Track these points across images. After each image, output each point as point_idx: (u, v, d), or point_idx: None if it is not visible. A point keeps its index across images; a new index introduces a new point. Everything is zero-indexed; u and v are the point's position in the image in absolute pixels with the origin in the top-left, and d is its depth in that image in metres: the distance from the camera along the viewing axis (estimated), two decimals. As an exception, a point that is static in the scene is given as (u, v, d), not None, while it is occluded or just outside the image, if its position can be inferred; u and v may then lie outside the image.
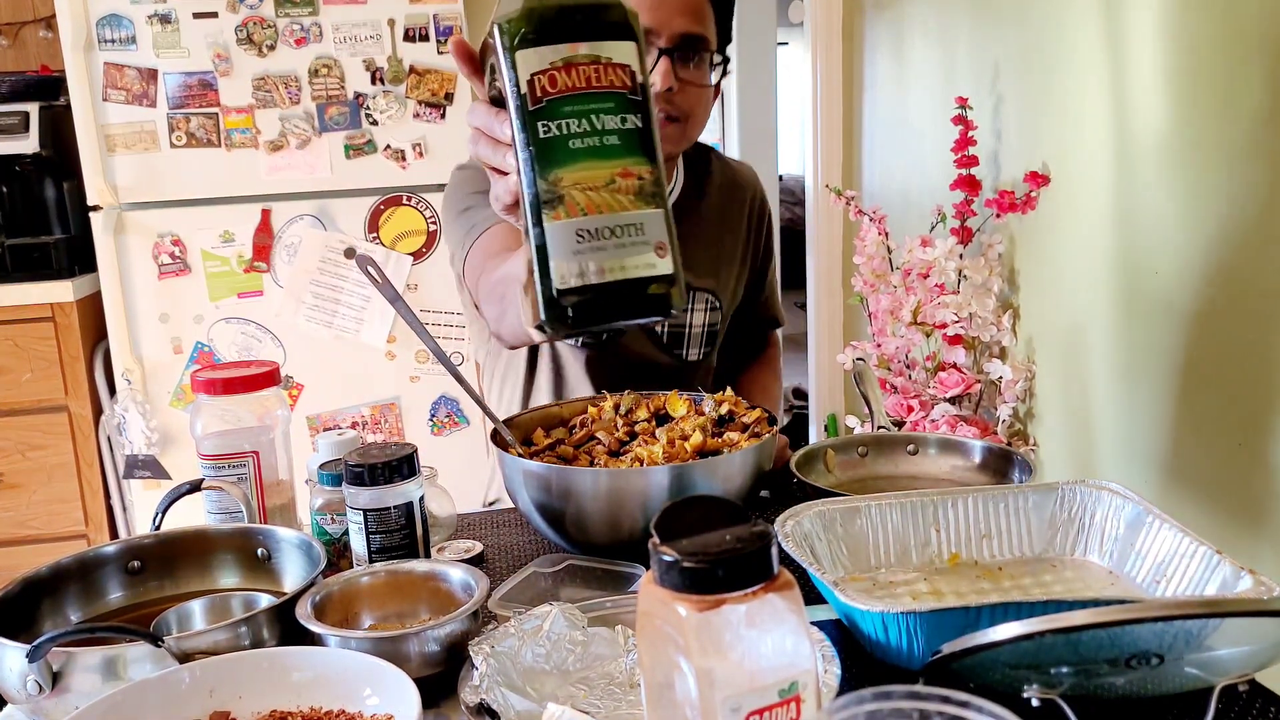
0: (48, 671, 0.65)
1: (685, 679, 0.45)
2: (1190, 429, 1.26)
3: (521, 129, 0.55)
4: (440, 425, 2.39)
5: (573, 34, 0.56)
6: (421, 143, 2.29)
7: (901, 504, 0.83)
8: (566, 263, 0.55)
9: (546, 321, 0.56)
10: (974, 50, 1.80)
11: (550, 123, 0.55)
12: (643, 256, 0.55)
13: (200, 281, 2.28)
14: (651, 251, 0.56)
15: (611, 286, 0.55)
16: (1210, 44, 1.18)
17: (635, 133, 0.56)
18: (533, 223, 0.55)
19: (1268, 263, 1.11)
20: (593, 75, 0.55)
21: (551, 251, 0.55)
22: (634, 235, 0.55)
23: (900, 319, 1.66)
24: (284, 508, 0.97)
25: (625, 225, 0.55)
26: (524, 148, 0.55)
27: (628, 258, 0.55)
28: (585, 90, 0.55)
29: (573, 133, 0.55)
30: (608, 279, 0.55)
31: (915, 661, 0.67)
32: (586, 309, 0.55)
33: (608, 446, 0.96)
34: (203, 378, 0.94)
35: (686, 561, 0.45)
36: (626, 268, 0.55)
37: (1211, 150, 1.18)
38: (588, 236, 0.55)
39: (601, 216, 0.55)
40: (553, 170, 0.55)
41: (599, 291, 0.55)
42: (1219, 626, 0.56)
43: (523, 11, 0.55)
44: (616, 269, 0.55)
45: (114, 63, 2.18)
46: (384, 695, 0.64)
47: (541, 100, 0.55)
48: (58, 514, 2.31)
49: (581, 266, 0.55)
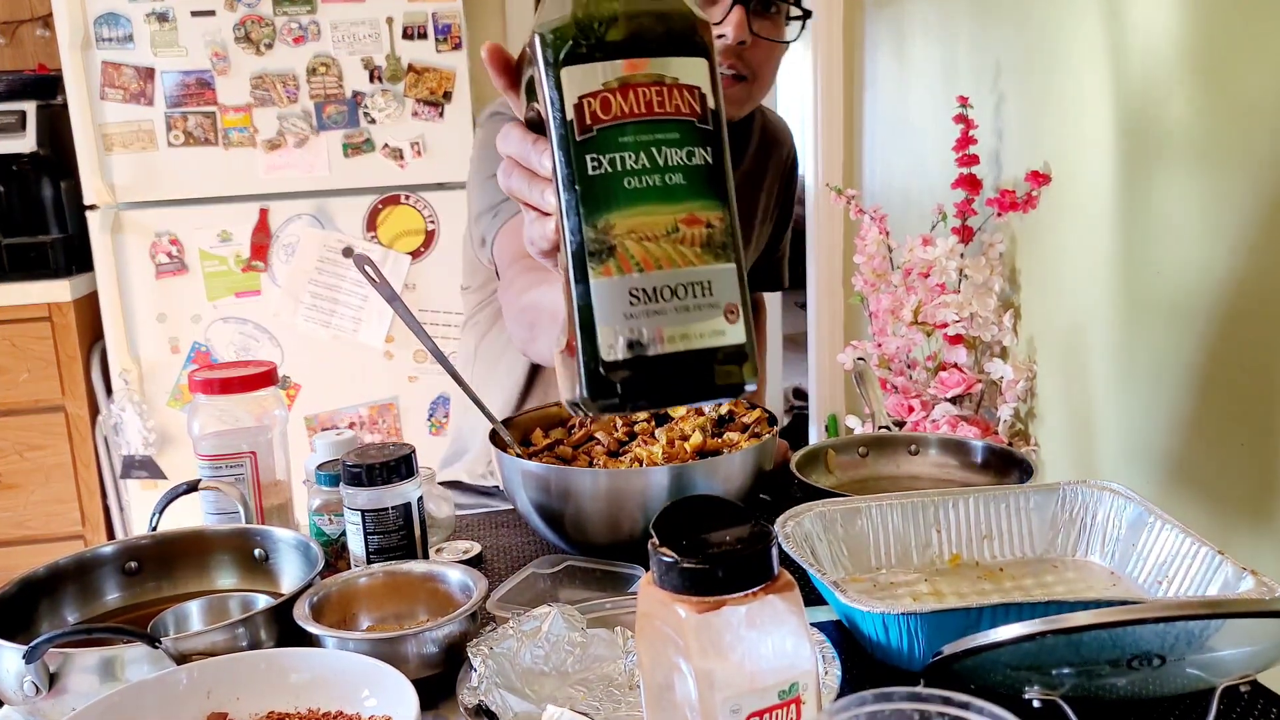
0: (45, 672, 0.65)
1: (685, 680, 0.45)
2: (1192, 429, 1.26)
3: (565, 163, 0.46)
4: (438, 425, 2.39)
5: (631, 48, 0.46)
6: (420, 141, 2.28)
7: (902, 505, 0.83)
8: (616, 329, 0.45)
9: (588, 399, 0.46)
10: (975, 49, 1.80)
11: (601, 157, 0.46)
12: (709, 322, 0.46)
13: (198, 281, 2.28)
14: (720, 316, 0.46)
15: (670, 359, 0.46)
16: (1213, 42, 1.17)
17: (704, 170, 0.47)
18: (576, 278, 0.46)
19: (1271, 262, 1.11)
20: (655, 99, 0.46)
21: (598, 314, 0.46)
22: (700, 296, 0.46)
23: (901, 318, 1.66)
24: (281, 508, 0.96)
25: (689, 284, 0.46)
26: (567, 186, 0.46)
27: (691, 324, 0.46)
28: (645, 118, 0.46)
29: (628, 169, 0.46)
30: (666, 350, 0.45)
31: (916, 663, 0.66)
32: (638, 386, 0.46)
33: (607, 447, 0.96)
34: (200, 378, 0.93)
35: (686, 562, 0.45)
36: (690, 336, 0.46)
37: (1214, 149, 1.18)
38: (643, 297, 0.45)
39: (660, 273, 0.46)
40: (602, 215, 0.46)
41: (655, 365, 0.45)
42: (1221, 627, 0.56)
43: (571, 19, 0.46)
44: (677, 338, 0.46)
45: (111, 61, 2.18)
46: (382, 697, 0.63)
47: (591, 129, 0.46)
48: (55, 514, 2.31)
49: (634, 334, 0.45)
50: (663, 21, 0.47)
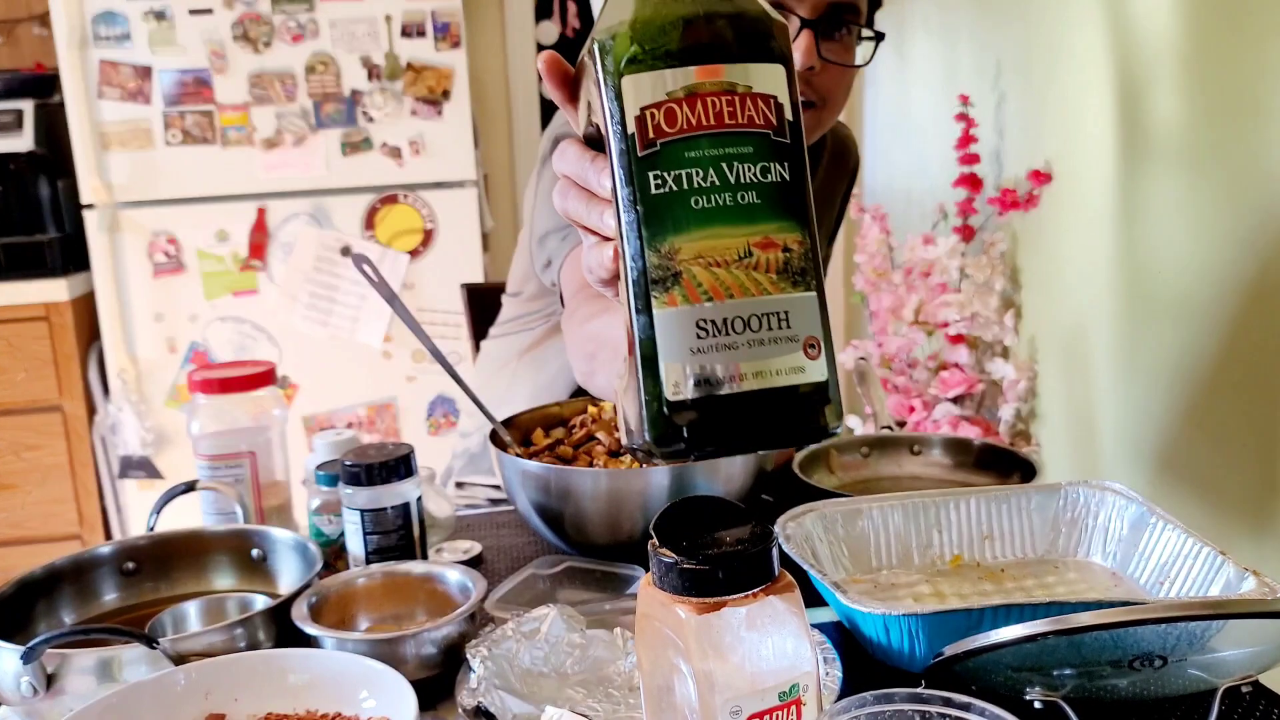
0: (42, 673, 0.65)
1: (685, 682, 0.44)
2: (1194, 429, 1.26)
3: (626, 181, 0.42)
4: (437, 425, 2.39)
5: (701, 53, 0.42)
6: (418, 140, 2.28)
7: (903, 505, 0.83)
8: (682, 365, 0.41)
9: (652, 443, 0.42)
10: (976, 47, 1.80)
11: (665, 174, 0.42)
12: (787, 357, 0.42)
13: (195, 280, 2.28)
14: (799, 350, 0.42)
15: (743, 399, 0.41)
16: (1215, 41, 1.17)
17: (781, 187, 0.42)
18: (637, 308, 0.42)
19: (1273, 261, 1.10)
20: (726, 110, 0.42)
21: (662, 349, 0.42)
22: (776, 328, 0.42)
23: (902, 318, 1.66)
24: (281, 508, 0.96)
25: (764, 314, 0.42)
26: (629, 206, 0.42)
27: (767, 359, 0.42)
28: (715, 130, 0.42)
29: (696, 187, 0.42)
30: (739, 389, 0.41)
31: (917, 664, 0.66)
32: (707, 429, 0.42)
33: (607, 447, 0.96)
34: (199, 377, 0.93)
35: (686, 563, 0.44)
36: (764, 373, 0.42)
37: (1216, 148, 1.18)
38: (712, 330, 0.41)
39: (732, 302, 0.41)
40: (667, 238, 0.42)
41: (726, 406, 0.41)
42: (1222, 628, 0.56)
43: (632, 22, 0.42)
44: (750, 375, 0.41)
45: (109, 60, 2.18)
46: (380, 698, 0.63)
47: (655, 143, 0.42)
48: (52, 515, 2.31)
49: (702, 371, 0.41)
50: (736, 24, 0.43)
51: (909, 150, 2.15)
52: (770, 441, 0.42)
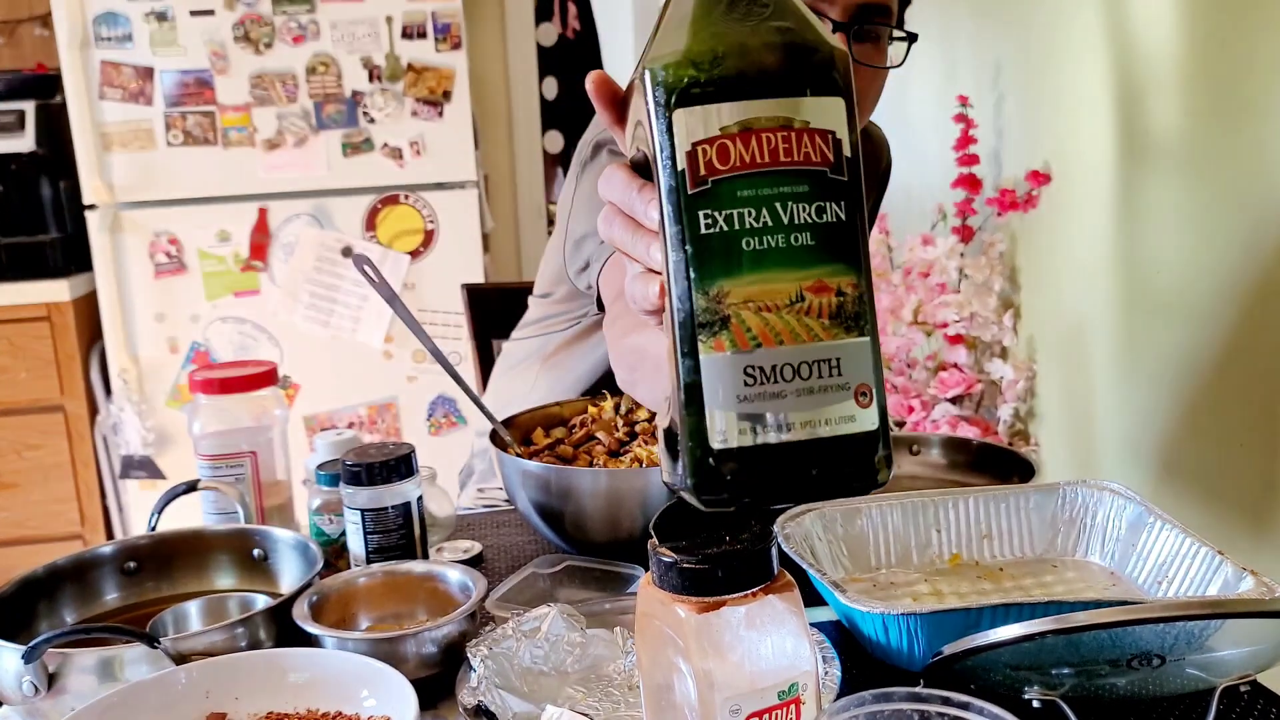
0: (44, 672, 0.65)
1: (685, 681, 0.45)
2: (1192, 429, 1.26)
3: (675, 219, 0.41)
4: (437, 425, 2.39)
5: (756, 87, 0.40)
6: (419, 141, 2.28)
7: (902, 504, 0.83)
8: (729, 414, 0.40)
9: (693, 490, 0.41)
10: (975, 48, 1.80)
11: (716, 213, 0.40)
12: (837, 406, 0.40)
13: (197, 281, 2.28)
14: (850, 399, 0.40)
15: (791, 449, 0.40)
16: (1213, 41, 1.17)
17: (836, 229, 0.41)
18: (683, 351, 0.41)
19: (1271, 261, 1.11)
20: (781, 146, 0.40)
21: (708, 395, 0.40)
22: (827, 375, 0.40)
23: (901, 318, 1.66)
24: (282, 508, 0.96)
25: (815, 361, 0.40)
26: (677, 245, 0.41)
27: (816, 408, 0.40)
28: (770, 168, 0.40)
29: (747, 228, 0.40)
30: (786, 438, 0.40)
31: (916, 663, 0.66)
32: (752, 480, 0.40)
33: (607, 446, 0.96)
34: (200, 377, 0.93)
35: (686, 563, 0.44)
36: (814, 423, 0.40)
37: (1215, 148, 1.18)
38: (761, 377, 0.40)
39: (782, 349, 0.40)
40: (716, 281, 0.40)
41: (772, 455, 0.40)
42: (1220, 627, 0.56)
43: (686, 53, 0.40)
44: (799, 424, 0.40)
45: (110, 60, 2.18)
46: (381, 697, 0.63)
47: (706, 180, 0.40)
48: (53, 514, 2.31)
49: (750, 420, 0.40)
50: (794, 55, 0.41)
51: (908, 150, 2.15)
52: (817, 493, 0.41)
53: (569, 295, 1.21)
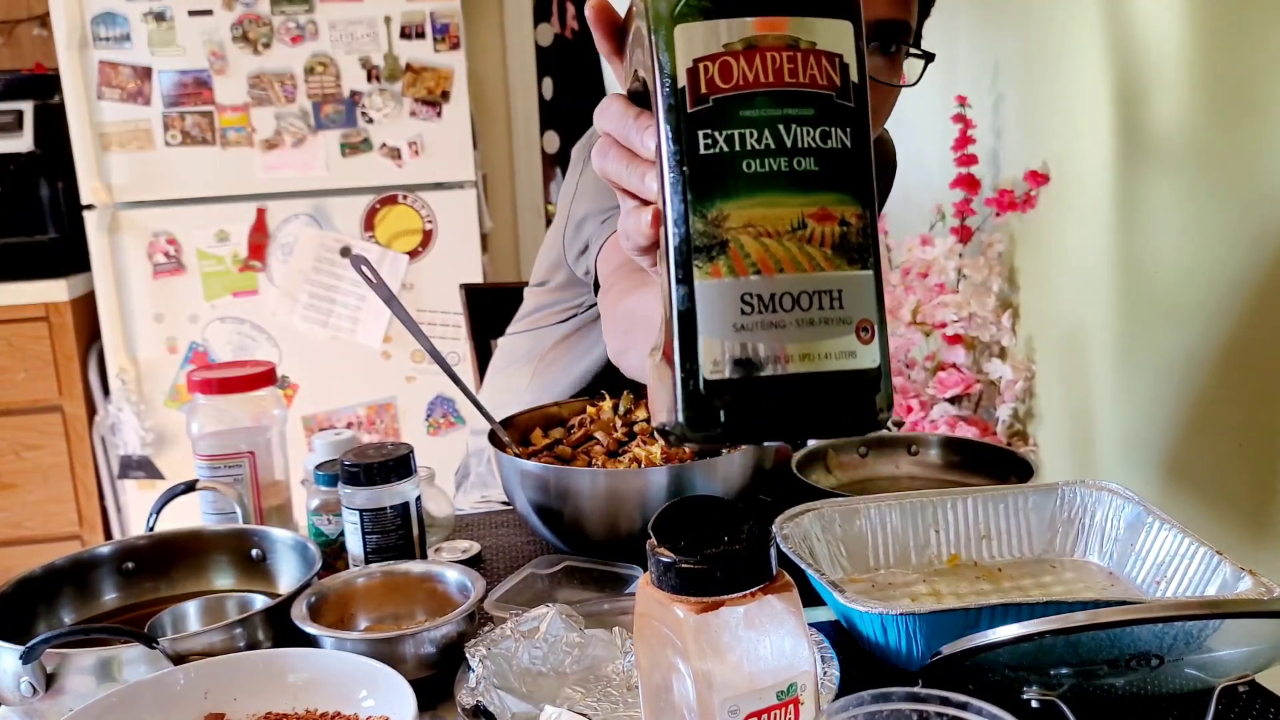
0: (42, 673, 0.65)
1: (683, 681, 0.45)
2: (1190, 429, 1.26)
3: (672, 139, 0.39)
4: (436, 425, 2.39)
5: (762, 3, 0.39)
6: (417, 141, 2.28)
7: (901, 505, 0.83)
8: (723, 342, 0.38)
9: (684, 425, 0.39)
10: (974, 48, 1.80)
11: (716, 133, 0.39)
12: (838, 340, 0.39)
13: (195, 281, 2.28)
14: (851, 333, 0.39)
15: (788, 382, 0.38)
16: (1212, 41, 1.17)
17: (842, 155, 0.39)
18: (677, 278, 0.39)
19: (1270, 261, 1.11)
20: (787, 66, 0.39)
21: (702, 323, 0.38)
22: (828, 307, 0.39)
23: (899, 318, 1.66)
24: (280, 508, 0.96)
25: (816, 292, 0.39)
26: (673, 166, 0.39)
27: (816, 341, 0.38)
28: (774, 88, 0.39)
29: (749, 150, 0.39)
30: (784, 371, 0.38)
31: (914, 663, 0.66)
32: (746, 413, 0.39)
33: (606, 447, 0.96)
34: (199, 377, 0.93)
35: (684, 563, 0.44)
36: (813, 356, 0.38)
37: (1214, 148, 1.18)
38: (758, 305, 0.38)
39: (782, 277, 0.38)
40: (714, 203, 0.39)
41: (768, 388, 0.38)
42: (1219, 627, 0.56)
43: None
44: (797, 357, 0.38)
45: (109, 60, 2.18)
46: (380, 697, 0.63)
47: (707, 99, 0.39)
48: (52, 515, 2.31)
49: (745, 350, 0.38)
50: None
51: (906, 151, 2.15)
52: (813, 430, 0.40)
53: (566, 283, 1.20)
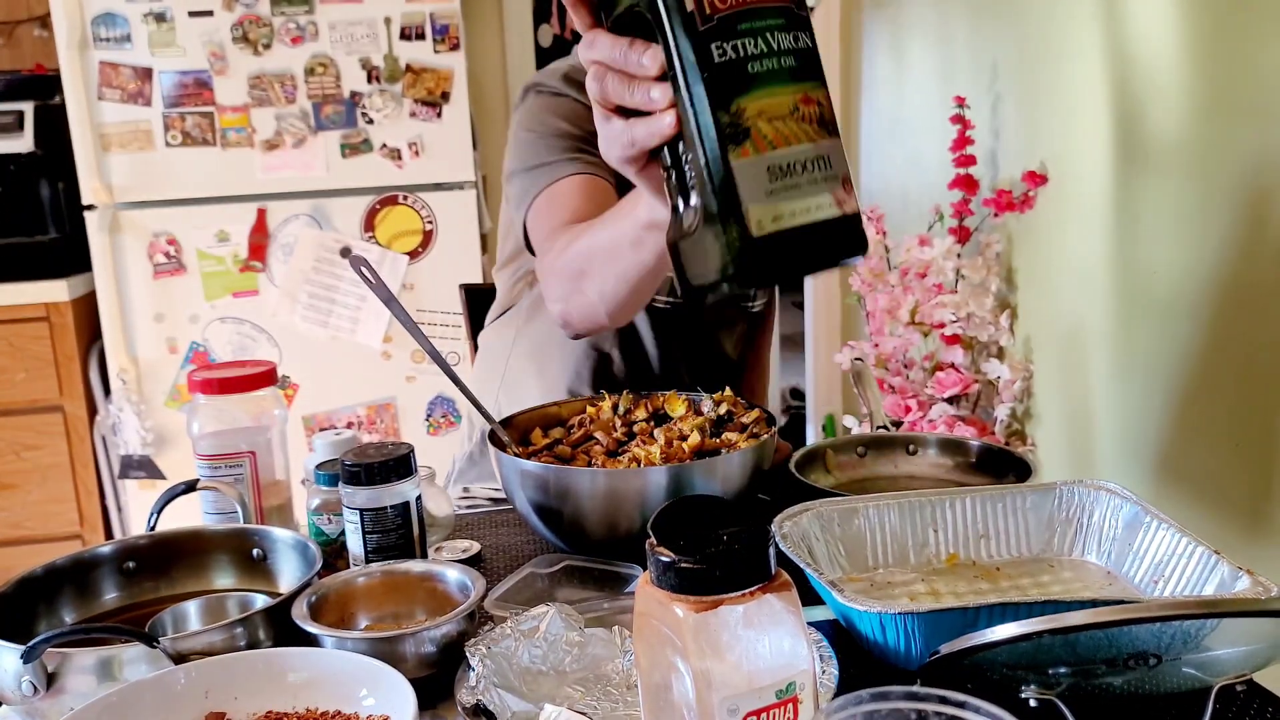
0: (43, 672, 0.65)
1: (683, 680, 0.45)
2: (1188, 429, 1.26)
3: (692, 52, 0.50)
4: (436, 425, 2.39)
5: None
6: (417, 142, 2.28)
7: (899, 504, 0.83)
8: (762, 206, 0.49)
9: (736, 275, 0.50)
10: (972, 49, 1.80)
11: (725, 44, 0.49)
12: (836, 193, 0.51)
13: (195, 281, 2.28)
14: (840, 186, 0.51)
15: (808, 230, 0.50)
16: (1209, 42, 1.18)
17: (808, 53, 0.51)
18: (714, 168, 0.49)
19: (1267, 261, 1.11)
20: None
21: (743, 193, 0.49)
22: (825, 169, 0.50)
23: (898, 318, 1.66)
24: (281, 508, 0.96)
25: (814, 159, 0.50)
26: (695, 77, 0.50)
27: (821, 194, 0.50)
28: (755, 4, 0.50)
29: (750, 54, 0.50)
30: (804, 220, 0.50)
31: (913, 662, 0.66)
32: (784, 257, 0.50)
33: (606, 446, 0.96)
34: (199, 377, 0.93)
35: (684, 562, 0.45)
36: (822, 206, 0.50)
37: (1211, 149, 1.18)
38: (781, 173, 0.49)
39: (792, 149, 0.50)
40: (734, 100, 0.49)
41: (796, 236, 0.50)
42: (1217, 627, 0.56)
43: None
44: (813, 209, 0.50)
45: (109, 61, 2.18)
46: (380, 696, 0.63)
47: (713, 18, 0.49)
48: (53, 514, 2.31)
49: (779, 209, 0.49)
50: None
51: (905, 151, 2.15)
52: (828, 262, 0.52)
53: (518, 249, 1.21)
